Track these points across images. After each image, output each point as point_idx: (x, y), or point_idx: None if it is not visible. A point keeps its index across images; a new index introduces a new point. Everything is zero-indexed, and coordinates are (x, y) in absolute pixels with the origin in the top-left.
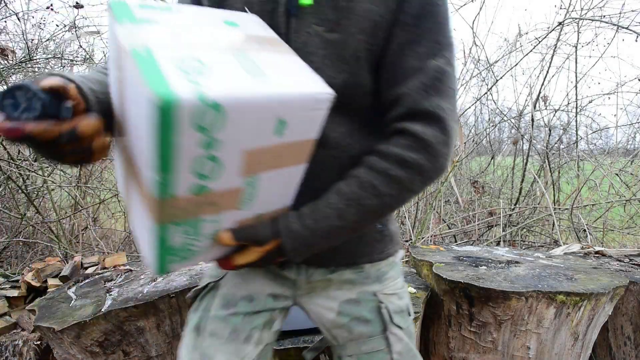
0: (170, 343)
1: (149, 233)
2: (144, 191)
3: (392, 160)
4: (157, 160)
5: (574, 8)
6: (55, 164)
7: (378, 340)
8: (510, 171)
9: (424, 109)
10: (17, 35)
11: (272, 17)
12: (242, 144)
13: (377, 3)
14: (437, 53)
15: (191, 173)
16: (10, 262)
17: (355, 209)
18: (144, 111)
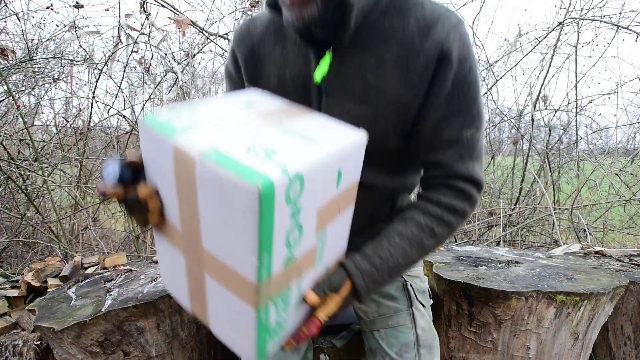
0: (170, 343)
1: (244, 321)
2: (233, 281)
3: (444, 208)
4: (259, 243)
5: (574, 8)
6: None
7: (403, 316)
8: (510, 171)
9: (461, 173)
10: (17, 35)
11: (304, 94)
12: (315, 205)
13: (406, 88)
14: (469, 124)
15: (284, 246)
16: (10, 262)
17: (417, 249)
18: (236, 204)
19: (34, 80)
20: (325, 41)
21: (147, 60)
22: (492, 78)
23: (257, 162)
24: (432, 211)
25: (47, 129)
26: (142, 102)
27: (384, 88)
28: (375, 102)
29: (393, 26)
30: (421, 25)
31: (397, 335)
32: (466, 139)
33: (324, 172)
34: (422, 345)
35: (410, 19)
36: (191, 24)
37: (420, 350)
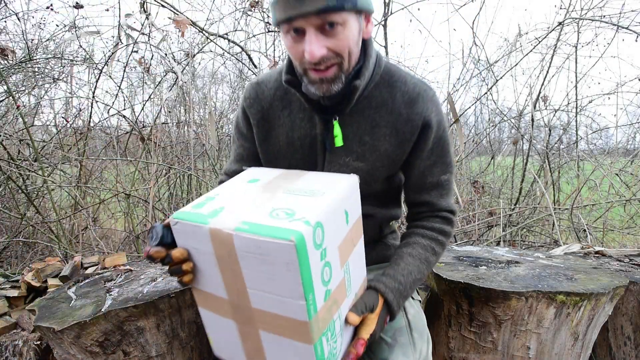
0: (170, 343)
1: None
2: (287, 327)
3: (437, 232)
4: (303, 287)
5: (574, 8)
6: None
7: None
8: (510, 171)
9: (443, 207)
10: (17, 35)
11: (310, 151)
12: (336, 243)
13: (395, 145)
14: (445, 170)
15: (321, 284)
16: (10, 262)
17: (425, 265)
18: (278, 261)
19: (34, 80)
20: (328, 111)
21: (147, 60)
22: (492, 78)
23: (283, 222)
24: (429, 235)
25: (47, 129)
26: (142, 102)
27: (377, 147)
28: (370, 158)
29: (384, 97)
30: (406, 99)
31: (390, 323)
32: (444, 182)
33: (335, 215)
34: (414, 329)
35: (397, 92)
36: (191, 24)
37: (413, 334)
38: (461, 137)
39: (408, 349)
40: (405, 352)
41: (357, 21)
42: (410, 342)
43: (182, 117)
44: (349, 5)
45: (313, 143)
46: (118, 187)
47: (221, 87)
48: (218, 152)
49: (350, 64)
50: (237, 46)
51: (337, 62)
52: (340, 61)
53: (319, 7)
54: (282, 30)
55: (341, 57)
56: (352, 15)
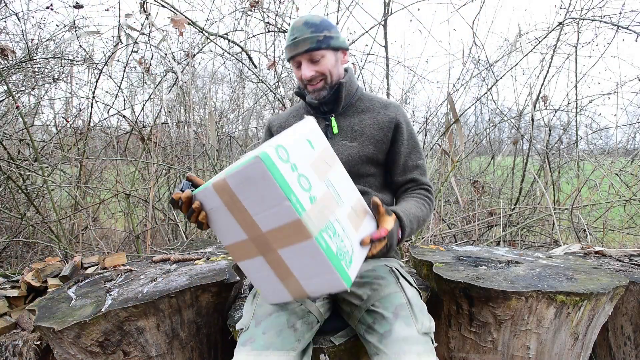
0: (170, 343)
1: (316, 258)
2: (291, 232)
3: (424, 196)
4: (283, 191)
5: (574, 8)
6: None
7: (393, 286)
8: (510, 171)
9: (424, 182)
10: (17, 35)
11: None
12: (306, 161)
13: (378, 131)
14: (420, 157)
15: (301, 189)
16: (10, 262)
17: (421, 210)
18: (258, 181)
19: (34, 80)
20: (327, 113)
21: (147, 60)
22: (492, 78)
23: (254, 154)
24: (418, 196)
25: (47, 129)
26: (142, 102)
27: (364, 131)
28: (360, 139)
29: (366, 105)
30: (382, 105)
31: (390, 300)
32: (421, 165)
33: (296, 142)
34: (414, 306)
35: (375, 102)
36: (190, 24)
37: (413, 309)
38: (461, 137)
39: (410, 320)
40: (407, 322)
41: (334, 54)
42: (411, 315)
43: (182, 117)
44: (324, 46)
45: None
46: (118, 187)
47: (221, 87)
48: (218, 152)
49: (332, 80)
50: (237, 46)
51: (322, 78)
52: (324, 78)
53: (306, 49)
54: (291, 63)
55: (324, 76)
56: (329, 51)
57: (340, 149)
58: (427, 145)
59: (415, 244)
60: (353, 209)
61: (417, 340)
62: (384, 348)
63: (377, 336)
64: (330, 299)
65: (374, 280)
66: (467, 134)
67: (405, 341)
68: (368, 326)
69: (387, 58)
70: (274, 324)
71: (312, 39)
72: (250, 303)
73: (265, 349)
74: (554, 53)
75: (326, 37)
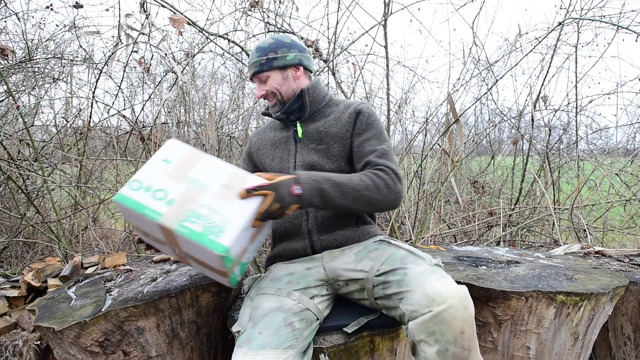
0: (170, 343)
1: (187, 241)
2: (163, 230)
3: (372, 174)
4: (138, 210)
5: (574, 8)
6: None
7: (390, 249)
8: (510, 171)
9: (382, 163)
10: (17, 35)
11: (286, 145)
12: (161, 177)
13: (340, 128)
14: (382, 142)
15: (155, 201)
16: (10, 262)
17: (353, 180)
18: (126, 213)
19: (34, 80)
20: (295, 120)
21: (147, 60)
22: (492, 78)
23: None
24: (367, 173)
25: (47, 129)
26: (142, 102)
27: (329, 132)
28: (325, 140)
29: (332, 110)
30: (346, 105)
31: (393, 257)
32: (381, 149)
33: (150, 167)
34: (416, 252)
35: (341, 105)
36: (191, 24)
37: (416, 254)
38: (461, 137)
39: (418, 260)
40: (417, 262)
41: (281, 73)
42: (417, 257)
43: (182, 117)
44: (266, 68)
45: (288, 140)
46: (118, 187)
47: (221, 87)
48: (218, 152)
49: (283, 96)
50: (237, 46)
51: (273, 96)
52: (275, 95)
53: (252, 73)
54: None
55: (274, 93)
56: (274, 71)
57: (309, 154)
58: (427, 145)
59: (415, 244)
60: (225, 186)
61: (432, 270)
62: (405, 288)
63: (395, 285)
64: (331, 295)
65: (369, 253)
66: (467, 134)
67: (421, 274)
68: (383, 283)
69: (387, 58)
70: (270, 323)
71: (256, 63)
72: (247, 306)
73: (262, 348)
74: (554, 53)
75: (269, 59)
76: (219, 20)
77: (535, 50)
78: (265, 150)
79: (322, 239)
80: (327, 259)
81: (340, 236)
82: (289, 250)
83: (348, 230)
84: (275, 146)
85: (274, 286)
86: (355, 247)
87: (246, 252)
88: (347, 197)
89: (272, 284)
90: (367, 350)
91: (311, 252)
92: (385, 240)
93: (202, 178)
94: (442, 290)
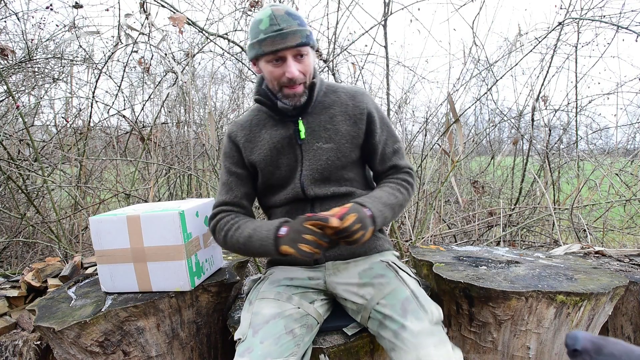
0: (170, 343)
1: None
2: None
3: (402, 180)
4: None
5: (574, 8)
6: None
7: (395, 282)
8: (510, 171)
9: (404, 165)
10: (17, 35)
11: (290, 147)
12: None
13: (351, 126)
14: (395, 140)
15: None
16: (10, 262)
17: (394, 196)
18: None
19: (34, 80)
20: (294, 116)
21: (147, 60)
22: (492, 78)
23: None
24: (395, 181)
25: (47, 129)
26: (142, 102)
27: (338, 129)
28: (335, 138)
29: (332, 99)
30: (348, 95)
31: (395, 296)
32: (398, 148)
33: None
34: (419, 297)
35: (340, 93)
36: (190, 24)
37: (419, 300)
38: (461, 137)
39: (419, 313)
40: (418, 316)
41: (313, 54)
42: (419, 307)
43: (182, 117)
44: (311, 44)
45: (290, 141)
46: (118, 187)
47: (221, 87)
48: (218, 152)
49: (308, 82)
50: (237, 46)
51: (303, 81)
52: (305, 80)
53: (297, 43)
54: (264, 60)
55: (306, 77)
56: (311, 50)
57: (317, 154)
58: (427, 145)
59: (415, 244)
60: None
61: (431, 332)
62: (400, 344)
63: (390, 332)
64: (330, 298)
65: (374, 280)
66: (467, 134)
67: (419, 335)
68: (380, 322)
69: (387, 58)
70: (271, 331)
71: (302, 33)
72: (247, 311)
73: (263, 359)
74: (554, 53)
75: (311, 32)
76: (218, 20)
77: (535, 50)
78: (263, 153)
79: (326, 253)
80: (330, 271)
81: (346, 250)
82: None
83: None
84: (278, 151)
85: (274, 290)
86: (361, 264)
87: (201, 248)
88: (396, 214)
89: (271, 288)
90: (367, 351)
91: (314, 262)
92: (395, 265)
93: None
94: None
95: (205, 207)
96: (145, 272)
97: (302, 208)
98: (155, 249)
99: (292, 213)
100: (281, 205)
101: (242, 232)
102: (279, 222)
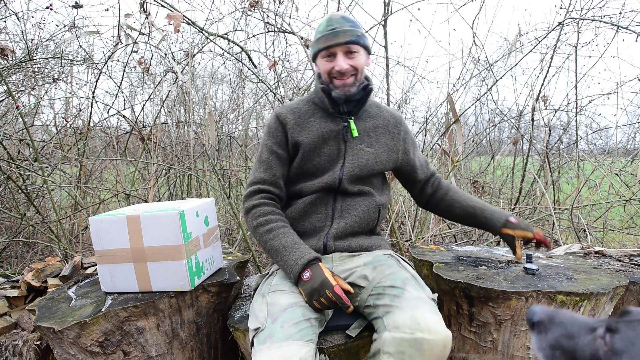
0: (170, 343)
1: (175, 269)
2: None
3: (446, 183)
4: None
5: (574, 8)
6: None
7: (396, 267)
8: (510, 171)
9: (435, 172)
10: (17, 35)
11: (336, 141)
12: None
13: (390, 139)
14: (420, 152)
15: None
16: (10, 262)
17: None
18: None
19: (34, 80)
20: (345, 113)
21: (147, 60)
22: (492, 78)
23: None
24: (449, 185)
25: (47, 129)
26: (142, 102)
27: (379, 139)
28: (376, 145)
29: (376, 112)
30: (390, 114)
31: (395, 276)
32: (425, 158)
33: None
34: (419, 280)
35: (383, 110)
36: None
37: (418, 282)
38: (461, 137)
39: (418, 287)
40: (417, 288)
41: (365, 54)
42: (418, 285)
43: (182, 117)
44: (361, 43)
45: (337, 135)
46: (118, 187)
47: (221, 87)
48: (218, 152)
49: (360, 77)
50: (237, 46)
51: (354, 73)
52: (355, 73)
53: (347, 40)
54: (320, 57)
55: (356, 71)
56: (362, 49)
57: (359, 154)
58: (427, 145)
59: (415, 244)
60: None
61: (429, 302)
62: (397, 304)
63: (388, 297)
64: None
65: (377, 264)
66: (467, 134)
67: (418, 299)
68: (379, 295)
69: (387, 58)
70: (290, 317)
71: (352, 32)
72: (261, 303)
73: (285, 340)
74: (554, 53)
75: (363, 35)
76: (218, 20)
77: (535, 50)
78: (310, 138)
79: (336, 244)
80: (337, 262)
81: (354, 243)
82: None
83: (361, 238)
84: (324, 140)
85: (287, 283)
86: (365, 257)
87: (201, 248)
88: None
89: (283, 281)
90: (367, 351)
91: (322, 252)
92: (395, 257)
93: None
94: (432, 322)
95: (205, 207)
96: (145, 272)
97: (325, 200)
98: (155, 249)
99: (316, 204)
100: (308, 194)
101: (272, 240)
102: (308, 259)
